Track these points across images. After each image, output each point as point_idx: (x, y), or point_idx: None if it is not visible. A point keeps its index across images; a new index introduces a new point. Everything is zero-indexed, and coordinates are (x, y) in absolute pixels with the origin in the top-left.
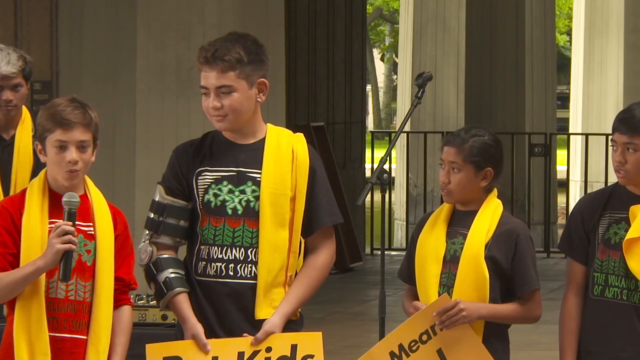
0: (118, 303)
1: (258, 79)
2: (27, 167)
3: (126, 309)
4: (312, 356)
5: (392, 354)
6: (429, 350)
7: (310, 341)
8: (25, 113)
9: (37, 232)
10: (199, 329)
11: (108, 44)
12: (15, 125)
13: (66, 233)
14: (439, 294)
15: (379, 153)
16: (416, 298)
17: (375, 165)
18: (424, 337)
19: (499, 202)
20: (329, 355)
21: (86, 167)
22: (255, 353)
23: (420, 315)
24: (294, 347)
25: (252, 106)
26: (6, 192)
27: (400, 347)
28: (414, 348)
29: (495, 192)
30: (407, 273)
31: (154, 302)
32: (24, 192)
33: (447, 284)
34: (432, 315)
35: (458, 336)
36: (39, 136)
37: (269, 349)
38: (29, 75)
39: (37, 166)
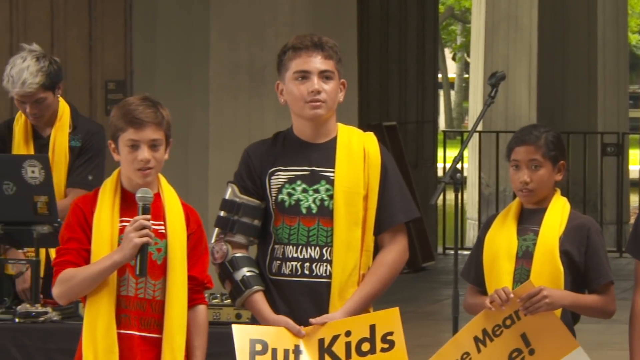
0: (192, 302)
1: (341, 77)
2: (63, 164)
3: (201, 309)
4: (391, 333)
5: (476, 339)
6: (512, 334)
7: (388, 318)
8: (63, 109)
9: (107, 230)
10: (286, 318)
11: (181, 43)
12: (52, 123)
13: (143, 227)
14: None
15: (451, 153)
16: (480, 296)
17: (447, 165)
18: (508, 322)
19: (565, 198)
20: None
21: (159, 165)
22: (335, 338)
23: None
24: (372, 327)
25: (337, 102)
26: None
27: (484, 331)
28: (497, 333)
29: (559, 189)
30: (474, 273)
31: (228, 300)
32: (97, 190)
33: (520, 280)
34: (516, 301)
35: (542, 321)
36: (112, 135)
37: (348, 333)
38: (56, 80)
39: (73, 163)
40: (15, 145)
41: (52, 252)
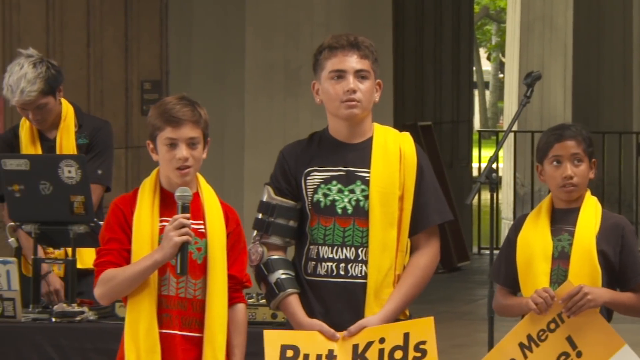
0: (232, 301)
1: (377, 77)
2: None
3: (240, 307)
4: (424, 342)
5: (521, 345)
6: (558, 337)
7: (422, 327)
8: (66, 110)
9: (147, 230)
10: (320, 322)
11: (217, 43)
12: (57, 125)
13: (183, 225)
14: None
15: (486, 152)
16: (512, 296)
17: (482, 165)
18: (552, 326)
19: (595, 197)
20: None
21: (197, 164)
22: (369, 344)
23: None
24: (406, 335)
25: (372, 102)
26: None
27: (529, 337)
28: (542, 337)
29: (589, 188)
30: (504, 274)
31: (264, 300)
32: (136, 190)
33: (557, 281)
34: (557, 303)
35: (586, 321)
36: (150, 135)
37: (382, 340)
38: (55, 84)
39: None
40: (23, 149)
41: (82, 253)
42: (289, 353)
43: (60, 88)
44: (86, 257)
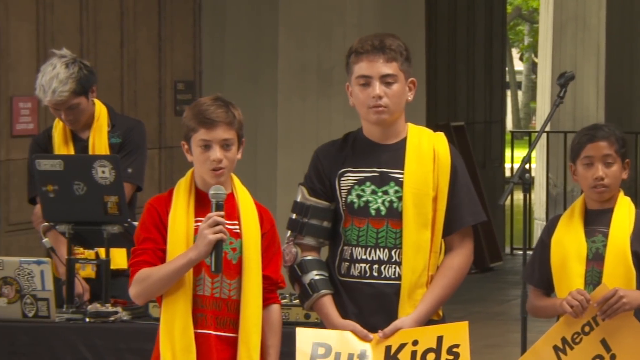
0: (266, 302)
1: (410, 77)
2: None
3: (275, 308)
4: (457, 345)
5: (555, 347)
6: (592, 340)
7: (456, 331)
8: (99, 110)
9: (182, 230)
10: (354, 323)
11: (250, 43)
12: (90, 125)
13: (217, 223)
14: None
15: (519, 153)
16: (545, 298)
17: (515, 165)
18: (587, 329)
19: (629, 198)
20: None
21: (231, 165)
22: (402, 346)
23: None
24: (439, 339)
25: (404, 102)
26: None
27: (564, 340)
28: (577, 340)
29: (621, 189)
30: (537, 275)
31: (297, 300)
32: (171, 190)
33: (592, 282)
34: (592, 306)
35: (621, 325)
36: (185, 136)
37: (415, 342)
38: (87, 85)
39: None
40: (56, 149)
41: (114, 253)
42: (321, 350)
43: (93, 88)
44: (117, 258)
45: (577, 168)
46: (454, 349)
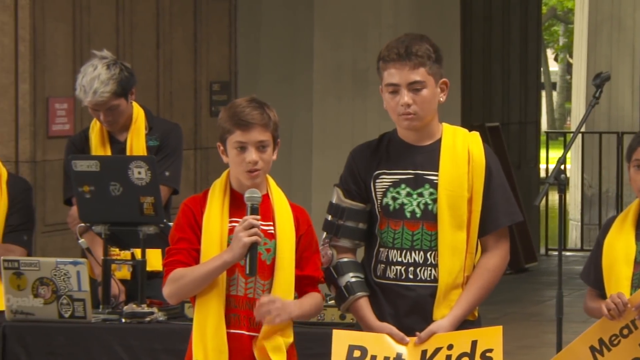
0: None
1: (441, 78)
2: None
3: (317, 294)
4: (490, 350)
5: (592, 348)
6: (630, 343)
7: (491, 335)
8: (137, 113)
9: (216, 231)
10: (390, 326)
11: (285, 44)
12: (127, 127)
13: (252, 226)
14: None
15: (553, 154)
16: (599, 299)
17: (550, 166)
18: (625, 332)
19: None
20: (503, 355)
21: (267, 166)
22: (437, 350)
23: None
24: (474, 343)
25: (436, 105)
26: None
27: (601, 341)
28: (615, 342)
29: None
30: (593, 276)
31: (332, 301)
32: (206, 191)
33: (638, 285)
34: (631, 310)
35: None
36: (220, 137)
37: (450, 346)
38: (127, 87)
39: None
40: (93, 151)
41: (149, 255)
42: (356, 353)
43: (132, 90)
44: (153, 260)
45: (630, 171)
46: (488, 354)
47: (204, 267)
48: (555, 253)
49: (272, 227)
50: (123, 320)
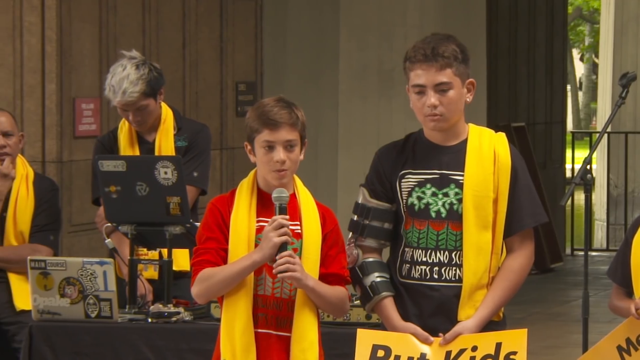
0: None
1: (467, 78)
2: None
3: (341, 288)
4: (514, 352)
5: (619, 348)
6: None
7: (515, 338)
8: (166, 113)
9: (244, 230)
10: (414, 326)
11: (311, 44)
12: (156, 128)
13: (282, 226)
14: None
15: (579, 154)
16: (626, 298)
17: (576, 166)
18: None
19: None
20: (528, 355)
21: (294, 166)
22: (461, 351)
23: None
24: (498, 345)
25: (462, 106)
26: None
27: (628, 341)
28: None
29: None
30: (620, 274)
31: (357, 301)
32: (233, 191)
33: None
34: None
35: None
36: (248, 137)
37: (474, 348)
38: (156, 87)
39: None
40: (121, 151)
41: (176, 255)
42: (380, 353)
43: (161, 91)
44: (180, 260)
45: None
46: (512, 356)
47: (233, 266)
48: (581, 253)
49: (299, 227)
50: (149, 320)
